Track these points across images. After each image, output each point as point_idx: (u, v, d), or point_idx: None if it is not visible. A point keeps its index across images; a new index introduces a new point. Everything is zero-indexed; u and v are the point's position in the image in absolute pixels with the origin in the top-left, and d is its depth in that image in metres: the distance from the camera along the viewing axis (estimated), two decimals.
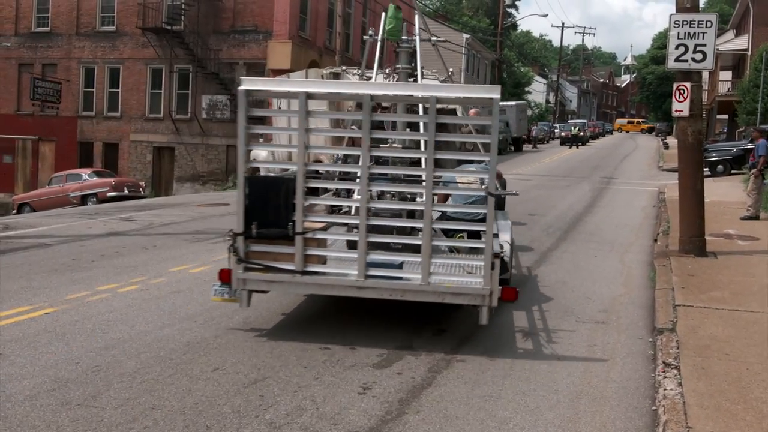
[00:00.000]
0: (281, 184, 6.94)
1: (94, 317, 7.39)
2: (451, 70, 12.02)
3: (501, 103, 7.45)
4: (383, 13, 11.23)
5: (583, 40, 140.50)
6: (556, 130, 62.81)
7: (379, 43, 10.86)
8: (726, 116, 47.19)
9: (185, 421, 4.87)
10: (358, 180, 7.10)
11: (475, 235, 7.48)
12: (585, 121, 72.83)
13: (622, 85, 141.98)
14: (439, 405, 5.27)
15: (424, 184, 6.77)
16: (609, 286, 9.45)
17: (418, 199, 7.65)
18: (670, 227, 13.68)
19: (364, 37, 12.19)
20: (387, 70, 11.03)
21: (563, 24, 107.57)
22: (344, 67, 14.93)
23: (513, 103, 46.98)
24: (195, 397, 5.30)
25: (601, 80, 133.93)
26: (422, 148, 8.00)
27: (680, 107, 11.15)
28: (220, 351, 6.35)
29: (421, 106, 8.41)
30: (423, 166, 7.45)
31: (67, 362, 6.00)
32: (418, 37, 10.31)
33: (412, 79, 9.98)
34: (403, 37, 10.46)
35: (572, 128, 55.37)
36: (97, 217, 16.07)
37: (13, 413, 4.96)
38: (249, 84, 6.94)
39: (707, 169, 22.58)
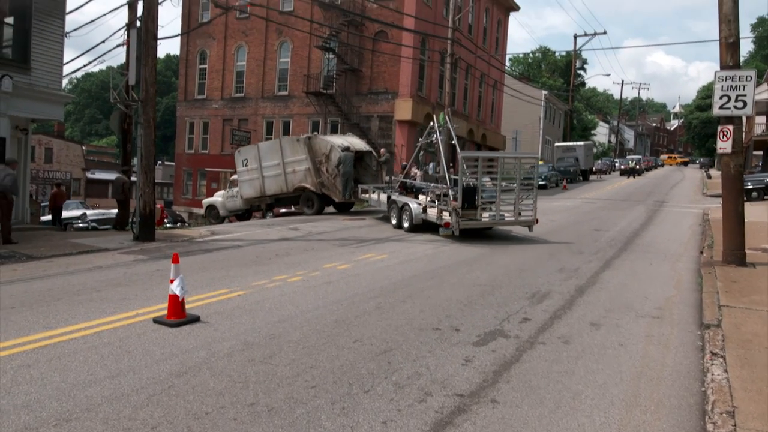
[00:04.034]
0: (473, 188, 13.24)
1: (271, 299, 7.63)
2: (454, 141, 16.53)
3: (572, 144, 20.69)
4: (434, 115, 18.51)
5: (639, 93, 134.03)
6: (616, 164, 59.86)
7: (437, 129, 16.35)
8: (761, 152, 43.28)
9: (333, 378, 4.92)
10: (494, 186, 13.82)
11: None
12: (640, 156, 69.02)
13: (672, 128, 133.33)
14: (525, 377, 5.06)
15: (515, 187, 13.77)
16: (663, 289, 8.80)
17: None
18: (713, 242, 12.62)
19: (431, 123, 16.84)
20: (434, 138, 16.57)
21: (623, 81, 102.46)
22: (315, 133, 21.62)
23: (581, 143, 45.48)
24: (341, 360, 5.35)
25: (654, 124, 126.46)
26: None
27: (724, 145, 10.30)
28: (359, 327, 6.39)
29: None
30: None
31: (252, 330, 6.22)
32: (452, 124, 16.94)
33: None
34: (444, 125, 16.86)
35: (630, 162, 52.70)
36: (273, 227, 16.63)
37: (216, 365, 5.19)
38: (464, 154, 13.91)
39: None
